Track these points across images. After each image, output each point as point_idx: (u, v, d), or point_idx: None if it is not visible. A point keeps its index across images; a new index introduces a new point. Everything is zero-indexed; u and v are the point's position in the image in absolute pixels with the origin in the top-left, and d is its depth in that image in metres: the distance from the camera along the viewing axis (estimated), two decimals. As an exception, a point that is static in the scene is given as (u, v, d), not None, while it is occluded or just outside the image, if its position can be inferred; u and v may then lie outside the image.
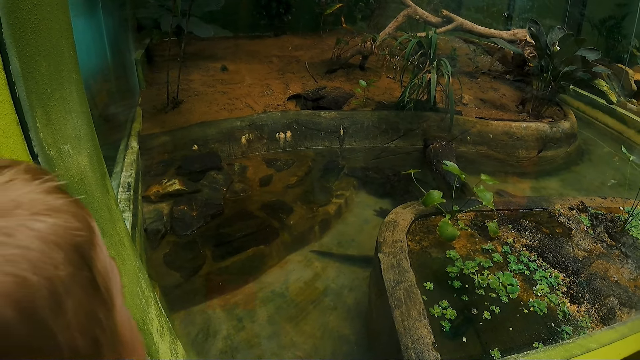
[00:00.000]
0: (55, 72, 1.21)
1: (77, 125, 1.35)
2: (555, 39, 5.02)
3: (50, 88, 1.18)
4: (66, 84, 1.28)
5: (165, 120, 4.94)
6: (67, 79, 1.28)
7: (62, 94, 1.25)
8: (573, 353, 2.09)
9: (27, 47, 1.07)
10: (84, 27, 3.81)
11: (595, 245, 3.03)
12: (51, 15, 1.17)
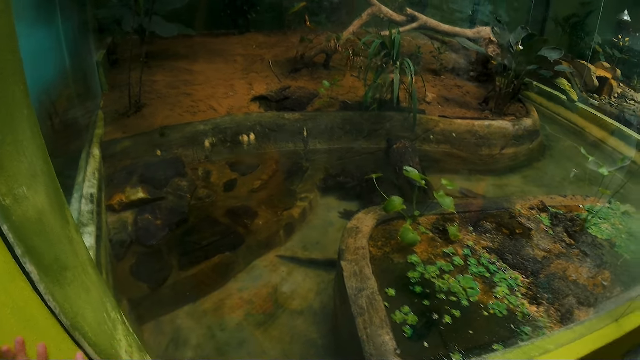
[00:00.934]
0: (6, 117, 1.16)
1: (32, 162, 1.31)
2: (518, 39, 5.09)
3: (1, 135, 1.14)
4: (18, 123, 1.23)
5: (127, 125, 4.81)
6: (18, 118, 1.23)
7: (14, 137, 1.21)
8: (531, 355, 2.12)
9: None
10: (40, 37, 3.67)
11: (554, 245, 3.08)
12: None
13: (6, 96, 1.16)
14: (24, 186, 1.25)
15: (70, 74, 4.47)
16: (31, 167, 1.30)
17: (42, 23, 3.78)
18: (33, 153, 1.32)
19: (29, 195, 1.26)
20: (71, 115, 4.41)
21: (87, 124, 4.60)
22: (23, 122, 1.27)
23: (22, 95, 1.28)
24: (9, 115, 1.18)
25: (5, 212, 1.12)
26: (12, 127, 1.21)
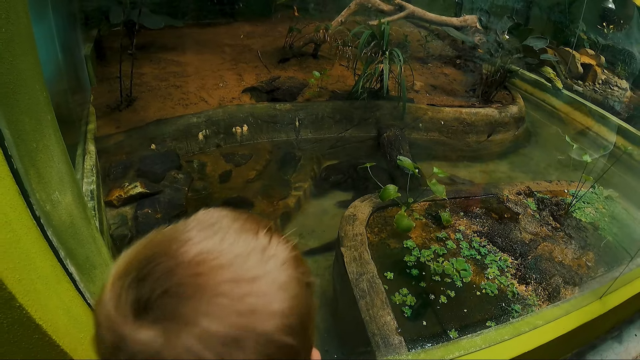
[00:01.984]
0: (36, 124, 1.19)
1: (59, 167, 1.35)
2: (504, 28, 5.22)
3: (35, 142, 1.17)
4: (45, 129, 1.26)
5: (120, 119, 4.82)
6: (45, 123, 1.27)
7: (44, 143, 1.24)
8: (521, 330, 2.27)
9: (12, 111, 1.06)
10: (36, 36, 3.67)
11: (541, 228, 3.24)
12: (26, 65, 1.14)
13: (35, 104, 1.20)
14: (57, 191, 1.30)
15: (63, 69, 4.47)
16: (59, 172, 1.34)
17: (36, 20, 3.77)
18: (59, 158, 1.36)
19: (61, 200, 1.32)
20: (65, 111, 4.41)
21: (79, 119, 4.60)
22: (49, 127, 1.31)
23: (45, 102, 1.32)
24: (38, 123, 1.21)
25: (48, 217, 1.16)
26: (42, 134, 1.24)
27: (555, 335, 2.27)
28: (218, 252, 0.50)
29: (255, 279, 0.49)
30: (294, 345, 0.49)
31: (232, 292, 0.47)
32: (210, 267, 0.48)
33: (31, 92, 1.19)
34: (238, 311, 0.46)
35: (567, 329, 2.32)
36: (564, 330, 2.31)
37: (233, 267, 0.49)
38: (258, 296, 0.48)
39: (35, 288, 0.98)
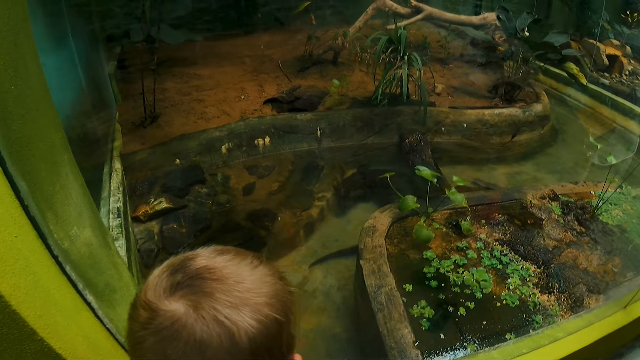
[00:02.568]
0: (52, 168, 1.27)
1: (77, 202, 1.43)
2: (524, 24, 5.12)
3: (52, 185, 1.25)
4: (62, 170, 1.34)
5: (144, 136, 4.94)
6: (61, 164, 1.35)
7: (61, 183, 1.31)
8: (541, 343, 2.24)
9: (27, 162, 1.13)
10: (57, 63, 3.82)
11: (565, 234, 3.18)
12: (39, 113, 1.21)
13: (49, 148, 1.27)
14: (75, 226, 1.37)
15: (86, 91, 4.62)
16: (77, 207, 1.42)
17: (56, 49, 3.92)
18: (77, 194, 1.44)
19: (79, 234, 1.40)
20: (90, 131, 4.56)
21: (105, 138, 4.75)
22: (65, 167, 1.39)
23: (61, 142, 1.39)
24: (54, 166, 1.29)
25: (65, 254, 1.24)
26: (58, 175, 1.31)
27: (575, 348, 2.23)
28: (225, 265, 0.70)
29: (250, 276, 0.69)
30: (278, 318, 0.67)
31: (236, 281, 0.67)
32: (222, 269, 0.68)
33: (46, 139, 1.25)
34: (239, 290, 0.66)
35: (589, 342, 2.27)
36: (585, 342, 2.27)
37: (237, 270, 0.69)
38: (252, 284, 0.68)
39: (56, 321, 1.06)
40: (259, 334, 0.64)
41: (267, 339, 0.65)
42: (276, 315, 0.67)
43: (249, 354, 0.63)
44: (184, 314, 0.62)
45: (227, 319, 0.62)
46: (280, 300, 0.70)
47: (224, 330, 0.62)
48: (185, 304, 0.63)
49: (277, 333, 0.67)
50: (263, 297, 0.67)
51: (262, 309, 0.66)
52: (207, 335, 0.61)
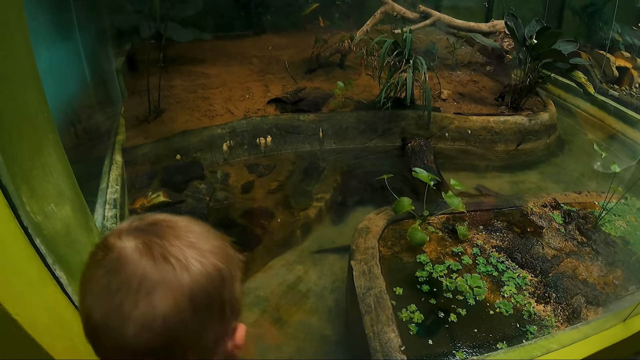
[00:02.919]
0: (35, 146, 1.31)
1: (58, 181, 1.45)
2: (532, 32, 5.04)
3: (31, 161, 1.28)
4: (45, 148, 1.37)
5: (148, 131, 4.94)
6: (45, 143, 1.38)
7: (42, 161, 1.35)
8: (533, 354, 2.16)
9: (6, 136, 1.16)
10: (60, 53, 3.84)
11: (566, 243, 3.09)
12: (24, 95, 1.25)
13: (33, 126, 1.31)
14: (53, 204, 1.40)
15: (90, 84, 4.65)
16: (58, 186, 1.45)
17: (61, 38, 3.94)
18: (59, 173, 1.46)
19: (57, 211, 1.42)
20: (93, 124, 4.58)
21: (109, 131, 4.77)
22: (49, 146, 1.41)
23: (46, 123, 1.42)
24: (37, 143, 1.33)
25: (37, 228, 1.27)
26: (40, 153, 1.34)
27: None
28: (180, 219, 0.74)
29: (200, 229, 0.73)
30: (221, 269, 0.69)
31: (187, 230, 0.71)
32: (176, 221, 0.72)
33: (30, 117, 1.30)
34: (188, 236, 0.70)
35: (584, 355, 2.19)
36: (580, 355, 2.18)
37: (189, 223, 0.74)
38: (201, 234, 0.72)
39: (17, 289, 1.09)
40: (200, 276, 0.66)
41: (209, 285, 0.66)
42: (220, 265, 0.69)
43: (188, 294, 0.64)
44: (133, 249, 0.65)
45: (173, 256, 0.65)
46: (226, 255, 0.72)
47: (168, 266, 0.64)
48: (136, 242, 0.66)
49: (219, 284, 0.68)
50: (209, 246, 0.71)
51: (207, 255, 0.68)
52: (150, 269, 0.63)
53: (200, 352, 0.67)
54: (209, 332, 0.68)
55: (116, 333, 0.62)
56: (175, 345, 0.64)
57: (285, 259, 3.83)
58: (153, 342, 0.62)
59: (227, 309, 0.71)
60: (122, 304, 0.62)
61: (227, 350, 0.73)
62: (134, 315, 0.61)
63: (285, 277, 3.64)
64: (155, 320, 0.62)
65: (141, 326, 0.61)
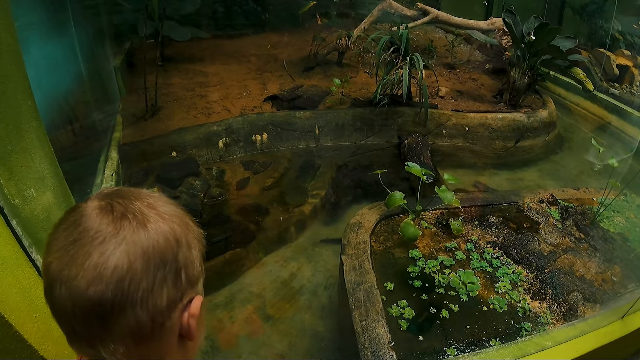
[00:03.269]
0: (14, 129, 1.33)
1: (40, 167, 1.48)
2: (531, 29, 4.99)
3: (10, 145, 1.31)
4: (26, 134, 1.40)
5: (144, 128, 4.93)
6: (26, 129, 1.41)
7: (22, 146, 1.38)
8: (526, 351, 2.11)
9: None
10: (54, 47, 3.82)
11: (562, 239, 3.04)
12: (4, 79, 1.28)
13: (14, 112, 1.33)
14: (32, 188, 1.42)
15: (87, 81, 4.63)
16: (39, 173, 1.47)
17: (56, 34, 3.93)
18: (41, 159, 1.48)
19: (37, 196, 1.44)
20: (90, 120, 4.57)
21: (106, 128, 4.76)
22: (31, 133, 1.44)
23: (30, 110, 1.44)
24: (17, 128, 1.34)
25: (14, 210, 1.30)
26: (20, 138, 1.37)
27: (565, 358, 2.09)
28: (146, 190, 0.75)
29: (162, 197, 0.75)
30: (177, 233, 0.69)
31: (150, 196, 0.72)
32: (142, 191, 0.73)
33: (10, 102, 1.32)
34: (149, 201, 0.71)
35: (580, 353, 2.13)
36: (576, 353, 2.12)
37: (153, 193, 0.74)
38: (162, 200, 0.73)
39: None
40: (156, 234, 0.66)
41: (164, 245, 0.66)
42: (177, 228, 0.69)
43: (142, 250, 0.64)
44: (95, 207, 0.66)
45: (130, 213, 0.66)
46: (184, 223, 0.73)
47: (125, 221, 0.65)
48: (99, 202, 0.67)
49: (175, 246, 0.68)
50: (169, 210, 0.71)
51: (165, 217, 0.69)
52: (107, 223, 0.64)
53: (151, 312, 0.65)
54: (161, 294, 0.66)
55: (70, 286, 0.62)
56: (125, 300, 0.62)
57: (280, 255, 3.79)
58: (103, 294, 0.61)
59: (182, 275, 0.70)
60: (77, 255, 0.62)
61: (183, 321, 0.71)
62: (86, 265, 0.61)
63: (279, 274, 3.60)
64: (107, 269, 0.61)
65: (92, 277, 0.61)
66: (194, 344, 0.77)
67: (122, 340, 0.65)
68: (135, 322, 0.64)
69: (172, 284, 0.68)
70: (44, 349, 1.21)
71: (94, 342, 0.65)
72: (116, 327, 0.63)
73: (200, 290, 0.77)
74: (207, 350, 2.99)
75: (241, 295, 3.41)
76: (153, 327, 0.66)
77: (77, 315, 0.63)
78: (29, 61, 3.09)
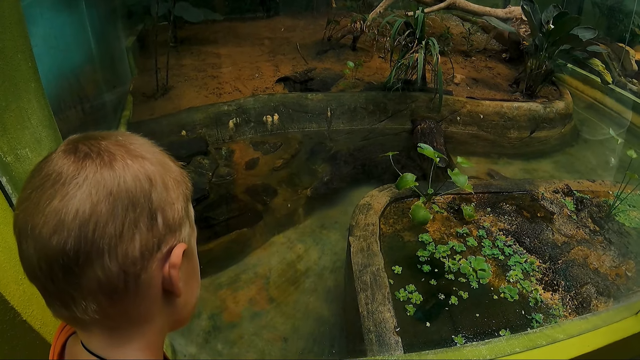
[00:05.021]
0: (10, 87, 1.30)
1: (38, 130, 1.45)
2: (549, 17, 4.86)
3: (5, 102, 1.28)
4: (23, 94, 1.38)
5: (154, 107, 4.91)
6: (24, 89, 1.38)
7: (19, 105, 1.35)
8: (538, 343, 2.04)
9: None
10: (62, 21, 3.78)
11: (577, 230, 2.96)
12: (3, 36, 1.26)
13: (11, 70, 1.30)
14: (27, 148, 1.38)
15: (97, 59, 4.59)
16: (35, 134, 1.43)
17: (65, 8, 3.88)
18: (39, 121, 1.45)
19: (32, 158, 1.39)
20: (100, 99, 4.54)
21: (116, 107, 4.74)
22: (29, 93, 1.41)
23: (29, 71, 1.41)
24: (13, 86, 1.31)
25: (5, 167, 1.27)
26: (17, 96, 1.34)
27: (577, 353, 2.00)
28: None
29: (144, 142, 0.67)
30: (151, 170, 0.61)
31: (122, 136, 0.65)
32: (117, 133, 0.66)
33: (8, 59, 1.29)
34: (121, 139, 0.63)
35: (592, 347, 2.05)
36: (588, 348, 2.04)
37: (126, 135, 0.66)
38: (138, 141, 0.65)
39: None
40: (124, 173, 0.58)
41: (133, 185, 0.58)
42: (150, 167, 0.61)
43: (106, 191, 0.56)
44: (60, 150, 0.60)
45: (95, 153, 0.59)
46: (161, 162, 0.65)
47: (88, 161, 0.58)
48: (65, 146, 0.61)
49: (147, 187, 0.60)
50: (139, 148, 0.63)
51: (136, 156, 0.61)
52: (69, 165, 0.57)
53: (121, 262, 0.57)
54: (133, 240, 0.58)
55: (34, 236, 0.56)
56: (90, 248, 0.55)
57: (286, 236, 3.75)
58: (66, 242, 0.54)
59: (159, 219, 0.61)
60: (40, 201, 0.56)
61: (164, 272, 0.63)
62: (47, 211, 0.55)
63: (285, 255, 3.56)
64: (68, 214, 0.54)
65: (54, 224, 0.55)
66: (184, 300, 0.69)
67: (94, 296, 0.58)
68: (104, 274, 0.56)
69: (146, 229, 0.59)
70: (28, 313, 1.17)
71: (66, 301, 0.58)
72: (84, 280, 0.56)
73: (185, 237, 0.66)
74: (209, 330, 2.96)
75: (246, 276, 3.38)
76: (126, 280, 0.58)
77: (44, 269, 0.57)
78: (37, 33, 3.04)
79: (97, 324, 0.62)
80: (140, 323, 0.64)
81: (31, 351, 1.21)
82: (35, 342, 1.21)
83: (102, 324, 0.62)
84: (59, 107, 3.31)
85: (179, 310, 0.70)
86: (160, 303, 0.65)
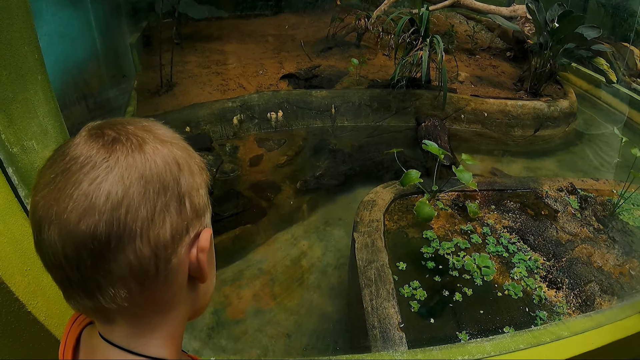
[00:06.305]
0: (17, 78, 1.31)
1: (44, 121, 1.46)
2: (554, 16, 4.85)
3: (12, 93, 1.29)
4: (30, 85, 1.38)
5: (159, 103, 4.92)
6: (31, 81, 1.38)
7: (25, 96, 1.36)
8: (541, 340, 2.04)
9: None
10: (67, 16, 3.79)
11: (581, 228, 2.96)
12: (10, 27, 1.26)
13: (18, 61, 1.30)
14: (34, 140, 1.39)
15: (101, 56, 4.61)
16: (42, 126, 1.44)
17: (70, 4, 3.90)
18: (45, 113, 1.46)
19: (38, 149, 1.40)
20: (104, 95, 4.56)
21: (120, 103, 4.75)
22: (36, 85, 1.41)
23: (36, 63, 1.41)
24: (20, 77, 1.31)
25: (12, 158, 1.28)
26: (24, 88, 1.34)
27: (581, 350, 2.01)
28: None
29: (166, 129, 0.66)
30: (178, 155, 0.61)
31: (147, 122, 0.64)
32: (141, 119, 0.65)
33: (15, 50, 1.30)
34: (146, 124, 0.63)
35: (596, 345, 2.05)
36: (592, 345, 2.04)
37: (150, 121, 0.66)
38: (163, 129, 0.65)
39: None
40: (154, 156, 0.58)
41: (163, 169, 0.58)
42: (177, 152, 0.61)
43: (138, 174, 0.56)
44: (83, 135, 0.59)
45: (124, 136, 0.58)
46: (186, 149, 0.65)
47: (118, 145, 0.57)
48: (89, 131, 0.59)
49: (176, 171, 0.60)
50: (166, 132, 0.64)
51: (164, 141, 0.61)
52: (97, 149, 0.56)
53: (153, 245, 0.57)
54: (164, 223, 0.57)
55: (60, 222, 0.54)
56: (122, 232, 0.54)
57: (290, 233, 3.75)
58: (96, 226, 0.53)
59: (187, 203, 0.61)
60: (65, 186, 0.54)
61: (192, 257, 0.63)
62: (75, 196, 0.53)
63: (289, 252, 3.57)
64: (99, 198, 0.53)
65: (83, 208, 0.53)
66: (206, 286, 0.70)
67: (123, 283, 0.56)
68: (136, 258, 0.56)
69: (176, 213, 0.59)
70: (33, 304, 1.16)
71: (92, 290, 0.57)
72: (115, 266, 0.55)
73: (208, 223, 0.67)
74: (212, 325, 2.97)
75: (250, 272, 3.38)
76: (157, 265, 0.58)
77: (69, 257, 0.55)
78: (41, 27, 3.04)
79: (122, 313, 0.60)
80: (167, 310, 0.64)
81: (35, 343, 1.21)
82: (40, 334, 1.21)
83: (128, 313, 0.61)
84: (63, 103, 3.32)
85: (200, 297, 0.70)
86: (186, 290, 0.66)
